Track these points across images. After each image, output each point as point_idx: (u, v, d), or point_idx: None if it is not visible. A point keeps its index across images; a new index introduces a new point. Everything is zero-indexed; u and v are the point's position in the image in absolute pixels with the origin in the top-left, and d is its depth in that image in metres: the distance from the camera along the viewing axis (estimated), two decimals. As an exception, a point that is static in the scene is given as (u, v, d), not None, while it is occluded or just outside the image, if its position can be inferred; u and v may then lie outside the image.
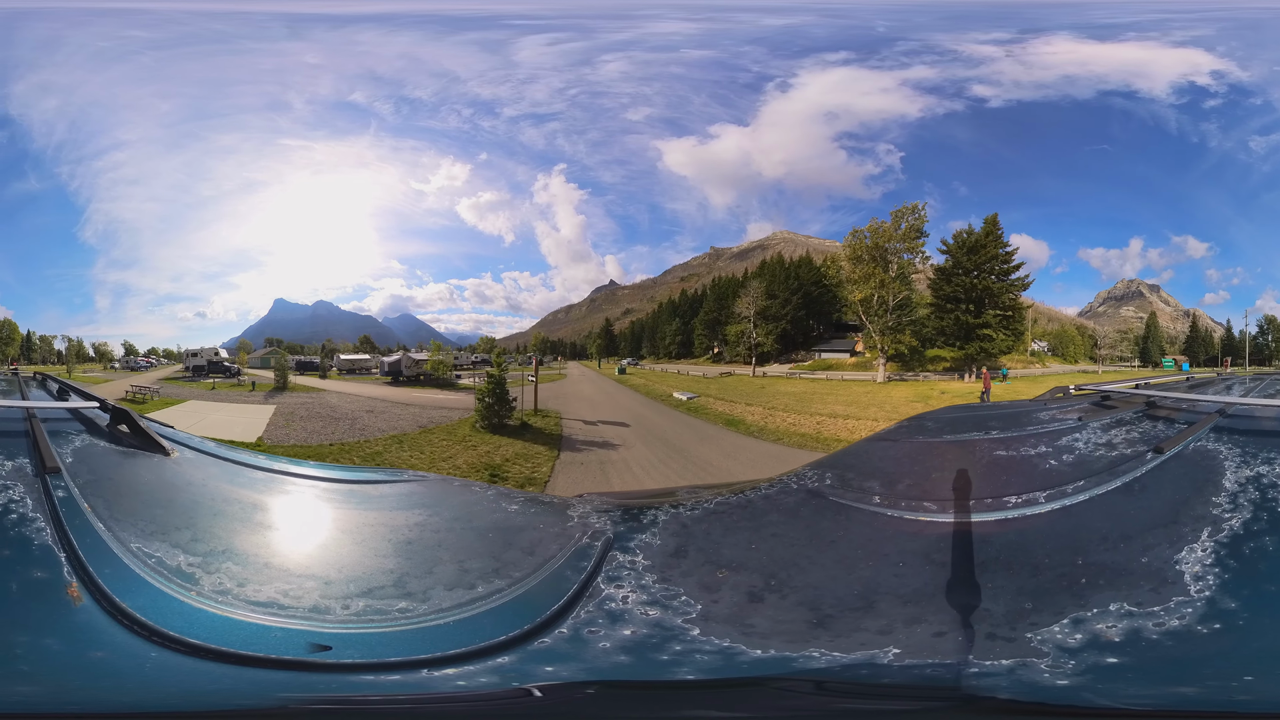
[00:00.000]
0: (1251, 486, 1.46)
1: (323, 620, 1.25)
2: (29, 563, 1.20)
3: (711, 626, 1.31)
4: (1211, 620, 1.11)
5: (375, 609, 1.31)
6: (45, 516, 1.33)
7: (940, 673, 1.15)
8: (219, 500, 1.76)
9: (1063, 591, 1.27)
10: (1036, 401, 2.90)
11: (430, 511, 1.99)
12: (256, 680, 1.08)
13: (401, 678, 1.14)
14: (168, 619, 1.13)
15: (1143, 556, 1.31)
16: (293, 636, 1.18)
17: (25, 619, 1.09)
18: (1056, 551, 1.41)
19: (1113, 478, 1.64)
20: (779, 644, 1.27)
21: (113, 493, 1.57)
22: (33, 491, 1.42)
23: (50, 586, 1.16)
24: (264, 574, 1.37)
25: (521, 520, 1.93)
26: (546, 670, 1.18)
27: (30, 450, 1.63)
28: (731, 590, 1.47)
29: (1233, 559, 1.24)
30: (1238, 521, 1.34)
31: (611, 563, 1.57)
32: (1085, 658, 1.09)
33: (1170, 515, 1.42)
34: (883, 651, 1.20)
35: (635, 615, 1.36)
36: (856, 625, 1.32)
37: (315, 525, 1.74)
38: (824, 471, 2.14)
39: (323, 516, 1.83)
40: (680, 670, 1.21)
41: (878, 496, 1.86)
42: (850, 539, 1.71)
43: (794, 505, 1.95)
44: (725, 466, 13.58)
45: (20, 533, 1.28)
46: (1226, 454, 1.62)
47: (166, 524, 1.49)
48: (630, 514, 1.93)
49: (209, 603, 1.22)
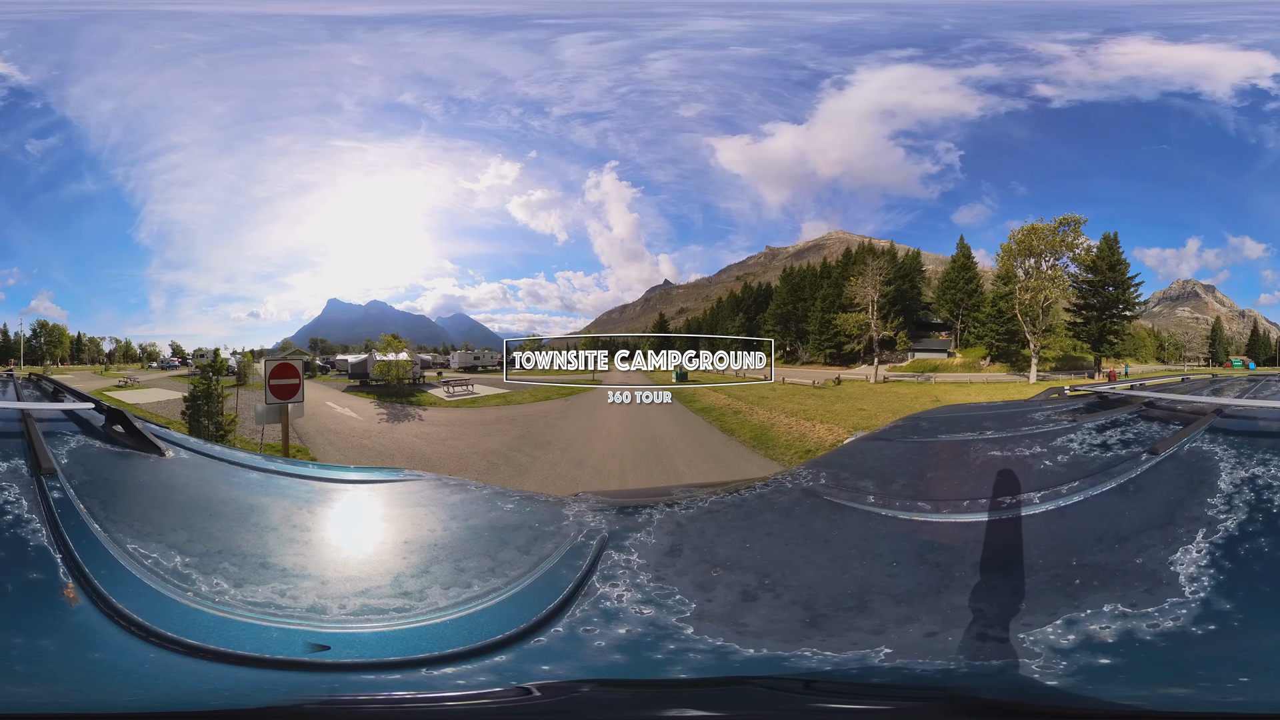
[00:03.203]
0: (1246, 488, 1.46)
1: (320, 620, 1.25)
2: (25, 564, 1.20)
3: (706, 625, 1.32)
4: (1206, 621, 1.11)
5: (372, 608, 1.31)
6: (41, 518, 1.33)
7: (929, 673, 1.16)
8: (215, 501, 1.76)
9: (1056, 592, 1.27)
10: (1031, 402, 2.90)
11: (426, 510, 1.99)
12: (254, 680, 1.08)
13: (401, 677, 1.14)
14: (164, 619, 1.13)
15: (1137, 557, 1.31)
16: (290, 636, 1.19)
17: (21, 620, 1.09)
18: (1050, 552, 1.41)
19: (1107, 478, 1.64)
20: (772, 643, 1.27)
21: (108, 494, 1.57)
22: (28, 493, 1.42)
23: (46, 588, 1.16)
24: (260, 574, 1.38)
25: (517, 519, 1.94)
26: (543, 669, 1.19)
27: (25, 451, 1.63)
28: (725, 589, 1.48)
29: (1227, 560, 1.24)
30: (1232, 523, 1.34)
31: (607, 561, 1.57)
32: (1077, 658, 1.09)
33: (1165, 516, 1.42)
34: (874, 651, 1.21)
35: (630, 614, 1.36)
36: (849, 625, 1.32)
37: (311, 525, 1.75)
38: (818, 470, 2.14)
39: (319, 516, 1.83)
40: (674, 669, 1.21)
41: (872, 496, 1.87)
42: (844, 538, 1.72)
43: (788, 504, 1.95)
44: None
45: (16, 534, 1.28)
46: (1222, 455, 1.62)
47: (163, 525, 1.49)
48: (625, 512, 1.93)
49: (206, 603, 1.22)
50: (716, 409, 15.91)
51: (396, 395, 16.50)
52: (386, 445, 14.13)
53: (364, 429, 15.13)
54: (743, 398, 16.13)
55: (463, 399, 16.89)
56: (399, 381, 16.82)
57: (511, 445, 13.88)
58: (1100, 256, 18.19)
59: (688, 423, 15.23)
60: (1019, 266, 17.87)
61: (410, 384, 17.06)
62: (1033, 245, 17.51)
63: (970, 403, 6.50)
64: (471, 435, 14.97)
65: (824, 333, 20.50)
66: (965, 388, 17.72)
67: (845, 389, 17.93)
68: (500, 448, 13.77)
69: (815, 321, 21.02)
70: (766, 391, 16.47)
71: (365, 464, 10.55)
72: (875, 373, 18.75)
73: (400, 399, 16.32)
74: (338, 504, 2.00)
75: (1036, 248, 17.56)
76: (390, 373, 16.86)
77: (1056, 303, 18.22)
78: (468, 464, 12.77)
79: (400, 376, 16.91)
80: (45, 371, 16.37)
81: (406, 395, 16.56)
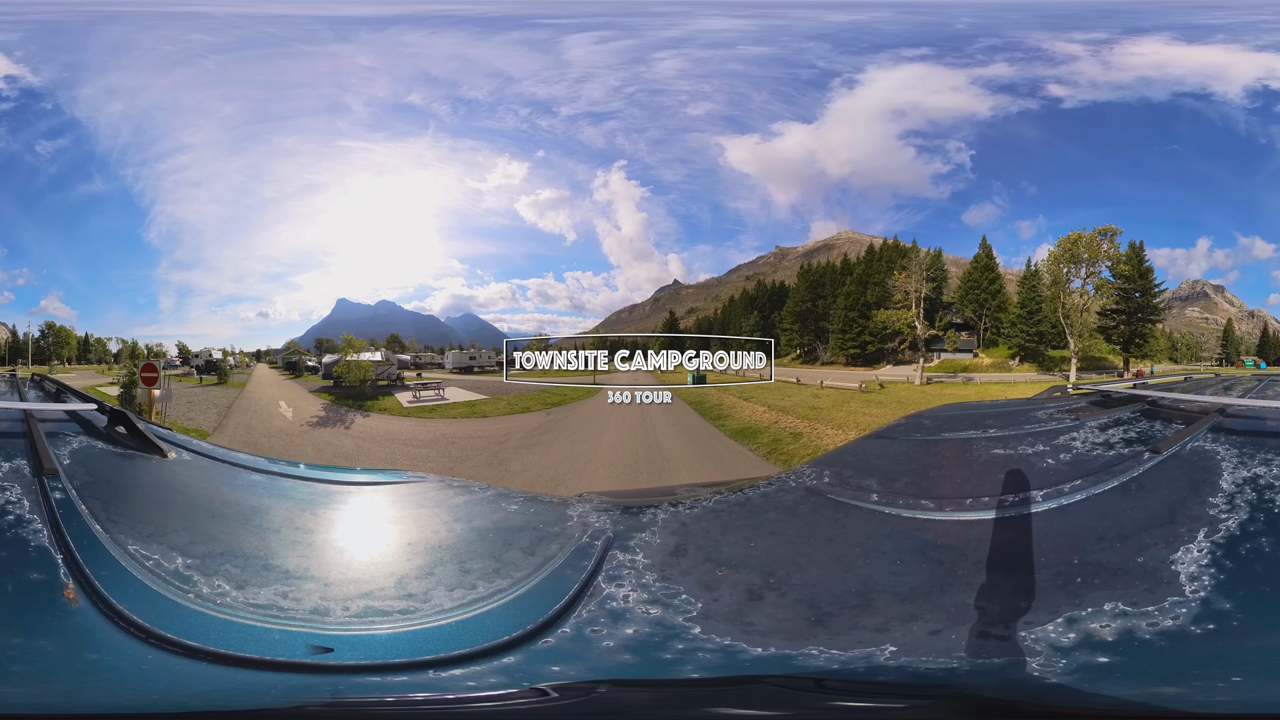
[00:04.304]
0: (1248, 487, 1.46)
1: (323, 622, 1.25)
2: (26, 564, 1.20)
3: (713, 625, 1.32)
4: (1205, 620, 1.12)
5: (376, 610, 1.31)
6: (42, 518, 1.33)
7: (932, 670, 1.16)
8: (217, 502, 1.76)
9: (1058, 590, 1.27)
10: (1034, 400, 2.91)
11: (430, 512, 1.99)
12: (258, 682, 1.08)
13: (408, 679, 1.14)
14: (165, 621, 1.13)
15: (1139, 556, 1.32)
16: (293, 638, 1.18)
17: (20, 621, 1.08)
18: (1052, 550, 1.42)
19: (1110, 477, 1.64)
20: (779, 642, 1.27)
21: (110, 495, 1.56)
22: (30, 493, 1.42)
23: (47, 588, 1.15)
24: (263, 576, 1.37)
25: (521, 520, 1.93)
26: (553, 670, 1.19)
27: (28, 452, 1.62)
28: (731, 588, 1.48)
29: (1228, 559, 1.25)
30: (1234, 522, 1.35)
31: (612, 561, 1.57)
32: (1077, 656, 1.09)
33: (1167, 515, 1.43)
34: (879, 649, 1.21)
35: (637, 614, 1.36)
36: (854, 623, 1.33)
37: (314, 527, 1.74)
38: (822, 469, 2.14)
39: (321, 518, 1.82)
40: (685, 669, 1.21)
41: (875, 494, 1.87)
42: (848, 537, 1.72)
43: (792, 503, 1.95)
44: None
45: (17, 534, 1.28)
46: (1224, 454, 1.63)
47: (164, 526, 1.48)
48: (630, 512, 1.93)
49: (207, 605, 1.22)
50: (761, 430, 12.46)
51: (355, 398, 15.94)
52: (279, 447, 13.66)
53: (281, 428, 14.86)
54: (788, 409, 12.81)
55: (425, 406, 15.91)
56: (361, 383, 16.16)
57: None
58: (1129, 263, 18.48)
59: (726, 458, 11.71)
60: (1068, 273, 17.97)
61: (373, 386, 16.40)
62: (1077, 253, 17.67)
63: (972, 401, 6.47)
64: (377, 456, 13.46)
65: (847, 331, 19.90)
66: (1011, 388, 16.57)
67: (895, 393, 16.01)
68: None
69: (838, 320, 20.35)
70: (811, 399, 14.02)
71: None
72: (919, 374, 17.74)
73: (356, 402, 15.81)
74: (341, 506, 2.00)
75: (1080, 256, 17.72)
76: (350, 374, 16.17)
77: (1089, 308, 18.44)
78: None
79: (362, 378, 16.21)
80: (50, 371, 16.44)
81: (367, 398, 15.99)
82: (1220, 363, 22.45)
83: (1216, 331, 23.47)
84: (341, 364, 16.41)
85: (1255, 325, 23.24)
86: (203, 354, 19.52)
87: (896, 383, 17.27)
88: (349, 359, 16.34)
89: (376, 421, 15.26)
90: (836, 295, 20.75)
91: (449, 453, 13.65)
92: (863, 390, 15.92)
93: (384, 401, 16.03)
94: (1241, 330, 23.33)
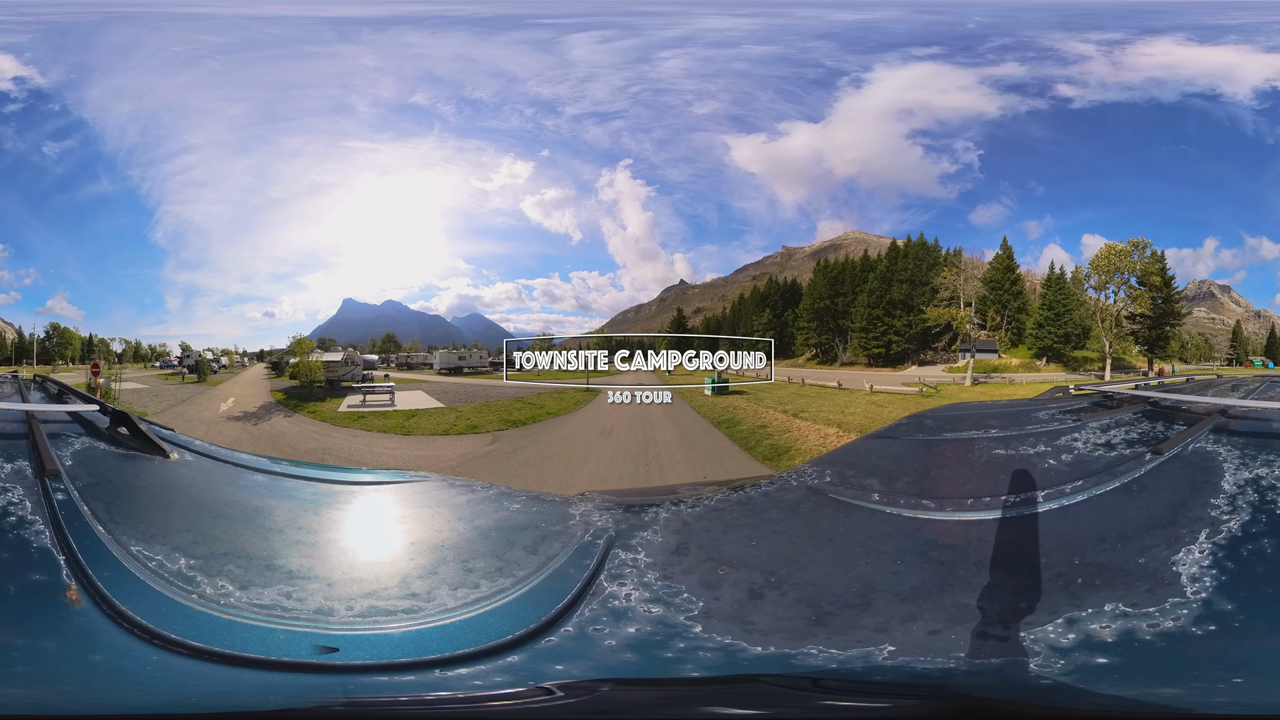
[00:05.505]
0: (1250, 489, 1.46)
1: (327, 622, 1.25)
2: (28, 565, 1.20)
3: (714, 623, 1.32)
4: (1206, 622, 1.12)
5: (380, 610, 1.31)
6: (45, 519, 1.32)
7: (932, 671, 1.16)
8: (220, 503, 1.76)
9: (1059, 591, 1.28)
10: (1036, 401, 2.91)
11: (432, 511, 2.00)
12: (262, 682, 1.08)
13: (414, 678, 1.14)
14: (169, 622, 1.13)
15: (1140, 557, 1.32)
16: (297, 639, 1.18)
17: (23, 622, 1.08)
18: (1053, 551, 1.42)
19: (1111, 478, 1.64)
20: (779, 641, 1.28)
21: (113, 495, 1.56)
22: (32, 494, 1.42)
23: (49, 589, 1.15)
24: (266, 576, 1.37)
25: (523, 519, 1.94)
26: (557, 669, 1.19)
27: (30, 453, 1.62)
28: (732, 587, 1.48)
29: (1230, 561, 1.25)
30: (1236, 524, 1.35)
31: (614, 560, 1.57)
32: (1075, 657, 1.09)
33: (1168, 516, 1.43)
34: (879, 649, 1.21)
35: (639, 613, 1.37)
36: (854, 622, 1.33)
37: (318, 527, 1.74)
38: (824, 468, 2.15)
39: (325, 518, 1.83)
40: (686, 667, 1.22)
41: (877, 494, 1.87)
42: (849, 536, 1.72)
43: (794, 502, 1.95)
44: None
45: (19, 535, 1.28)
46: (1225, 456, 1.63)
47: (167, 527, 1.48)
48: (632, 511, 1.93)
49: (211, 606, 1.22)
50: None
51: (304, 398, 15.96)
52: (186, 429, 13.48)
53: (204, 419, 15.09)
54: (864, 429, 10.54)
55: (351, 414, 15.20)
56: (310, 383, 16.29)
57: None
58: (1159, 273, 18.82)
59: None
60: (1108, 282, 18.37)
61: (326, 386, 16.32)
62: (1119, 264, 18.05)
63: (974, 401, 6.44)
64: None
65: (871, 330, 19.50)
66: (1045, 388, 17.21)
67: (953, 396, 14.90)
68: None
69: (860, 318, 19.88)
70: (875, 409, 11.87)
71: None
72: (968, 375, 17.42)
73: (299, 402, 15.80)
74: (344, 506, 2.00)
75: (1120, 266, 18.09)
76: (300, 374, 16.36)
77: (1122, 313, 18.84)
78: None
79: (311, 378, 16.32)
80: (52, 371, 16.62)
81: (317, 399, 15.95)
82: (1230, 363, 22.57)
83: (1224, 331, 23.56)
84: (293, 365, 16.73)
85: (1262, 325, 23.27)
86: (192, 354, 19.61)
87: (945, 384, 16.78)
88: (292, 360, 16.72)
89: (285, 424, 15.09)
90: (858, 293, 20.27)
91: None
92: (923, 395, 14.95)
93: (324, 404, 15.88)
94: (1248, 330, 23.36)
